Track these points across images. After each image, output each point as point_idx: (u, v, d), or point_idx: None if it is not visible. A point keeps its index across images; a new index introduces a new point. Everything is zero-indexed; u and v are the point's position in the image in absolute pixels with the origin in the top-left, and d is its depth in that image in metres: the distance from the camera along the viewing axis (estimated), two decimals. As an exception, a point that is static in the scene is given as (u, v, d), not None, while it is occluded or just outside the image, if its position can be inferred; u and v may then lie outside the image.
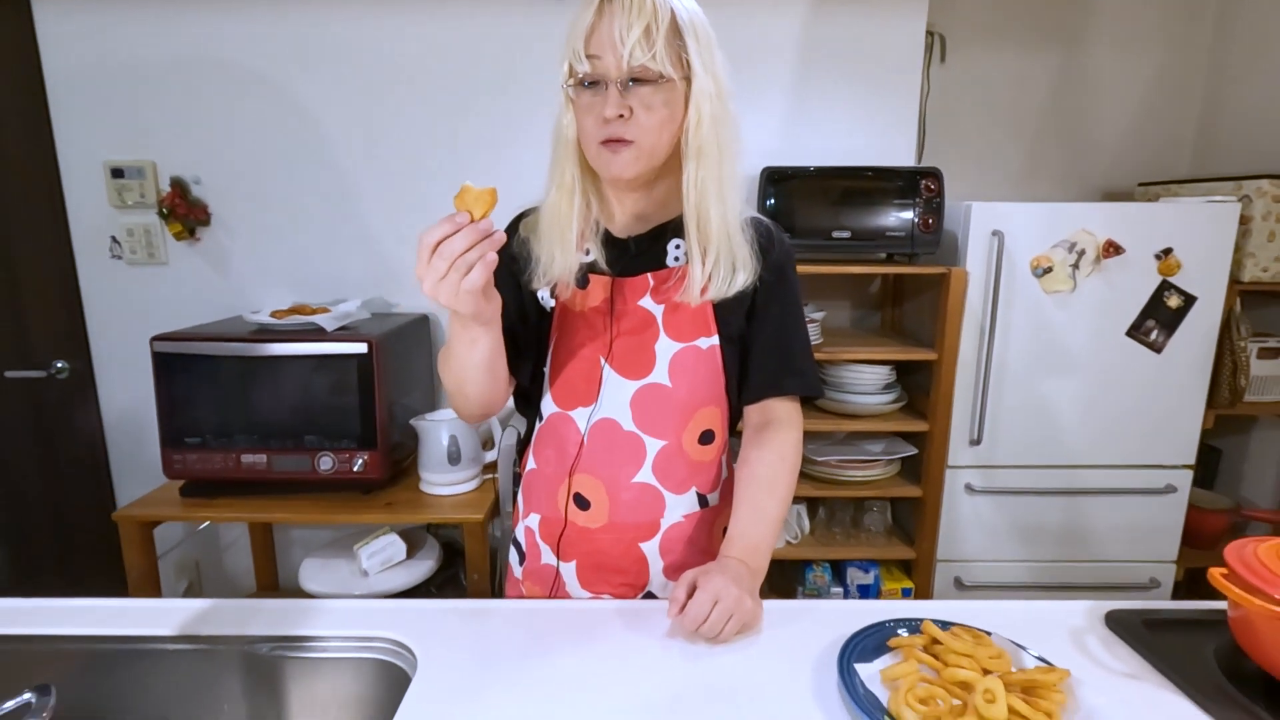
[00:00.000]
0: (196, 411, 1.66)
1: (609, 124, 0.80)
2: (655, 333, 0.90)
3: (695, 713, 0.69)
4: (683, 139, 0.84)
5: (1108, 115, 2.28)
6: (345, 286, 2.04)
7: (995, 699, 0.64)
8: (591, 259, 0.91)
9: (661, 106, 0.81)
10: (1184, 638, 0.81)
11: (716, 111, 0.83)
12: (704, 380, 0.92)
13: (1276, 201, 1.77)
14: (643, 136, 0.81)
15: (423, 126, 1.96)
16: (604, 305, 0.92)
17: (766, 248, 0.92)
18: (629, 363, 0.91)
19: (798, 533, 1.96)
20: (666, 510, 0.93)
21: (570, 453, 0.93)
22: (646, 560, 0.94)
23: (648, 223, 0.93)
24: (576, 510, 0.94)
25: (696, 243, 0.87)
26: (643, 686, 0.72)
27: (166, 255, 2.02)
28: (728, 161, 0.86)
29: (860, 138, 2.01)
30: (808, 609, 0.89)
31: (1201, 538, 2.00)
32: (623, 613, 0.87)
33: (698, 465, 0.94)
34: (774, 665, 0.76)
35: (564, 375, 0.93)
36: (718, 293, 0.88)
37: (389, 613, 0.87)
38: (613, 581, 0.95)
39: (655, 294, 0.91)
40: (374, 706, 0.82)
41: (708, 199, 0.85)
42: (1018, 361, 1.81)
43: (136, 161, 1.96)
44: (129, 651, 0.85)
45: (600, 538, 0.93)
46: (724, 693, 0.72)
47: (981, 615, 0.82)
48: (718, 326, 0.91)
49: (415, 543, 1.84)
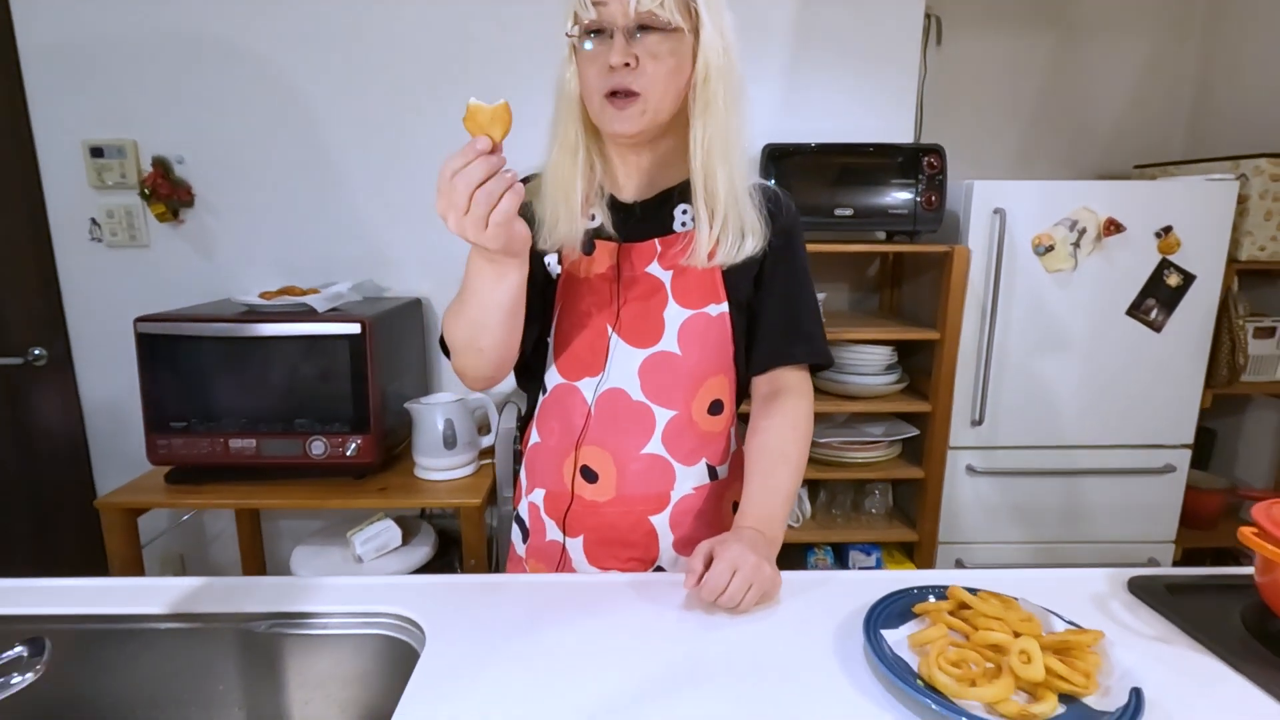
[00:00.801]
0: (182, 395, 1.61)
1: (614, 73, 0.77)
2: (663, 299, 0.88)
3: (716, 683, 0.66)
4: (690, 94, 0.81)
5: (1103, 97, 2.28)
6: (335, 269, 1.99)
7: (1031, 659, 0.62)
8: (597, 224, 0.88)
9: (669, 56, 0.78)
10: (1209, 601, 0.80)
11: (724, 67, 0.80)
12: (713, 348, 0.89)
13: (1274, 180, 1.78)
14: (649, 88, 0.78)
15: (413, 104, 1.92)
16: (610, 272, 0.89)
17: (775, 213, 0.89)
18: (637, 330, 0.88)
19: (799, 516, 1.94)
20: (676, 482, 0.90)
21: (577, 424, 0.90)
22: (656, 534, 0.91)
23: (654, 186, 0.90)
24: (584, 483, 0.91)
25: (704, 205, 0.84)
26: (661, 658, 0.70)
27: (148, 237, 1.96)
28: (734, 121, 0.83)
29: (859, 119, 1.99)
30: (825, 579, 0.86)
31: (1199, 518, 2.00)
32: (636, 585, 0.84)
33: (707, 436, 0.91)
34: (795, 634, 0.74)
35: (569, 345, 0.90)
36: (726, 257, 0.85)
37: (394, 588, 0.84)
38: (621, 556, 0.92)
39: (663, 260, 0.88)
40: (380, 682, 0.79)
41: (714, 159, 0.82)
42: (1018, 341, 1.80)
43: (116, 140, 1.89)
44: (117, 631, 0.81)
45: (608, 511, 0.90)
46: (745, 663, 0.69)
47: (1003, 583, 0.80)
48: (727, 292, 0.89)
49: (410, 529, 1.80)
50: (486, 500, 1.67)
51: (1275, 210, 1.80)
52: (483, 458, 1.79)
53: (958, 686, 0.61)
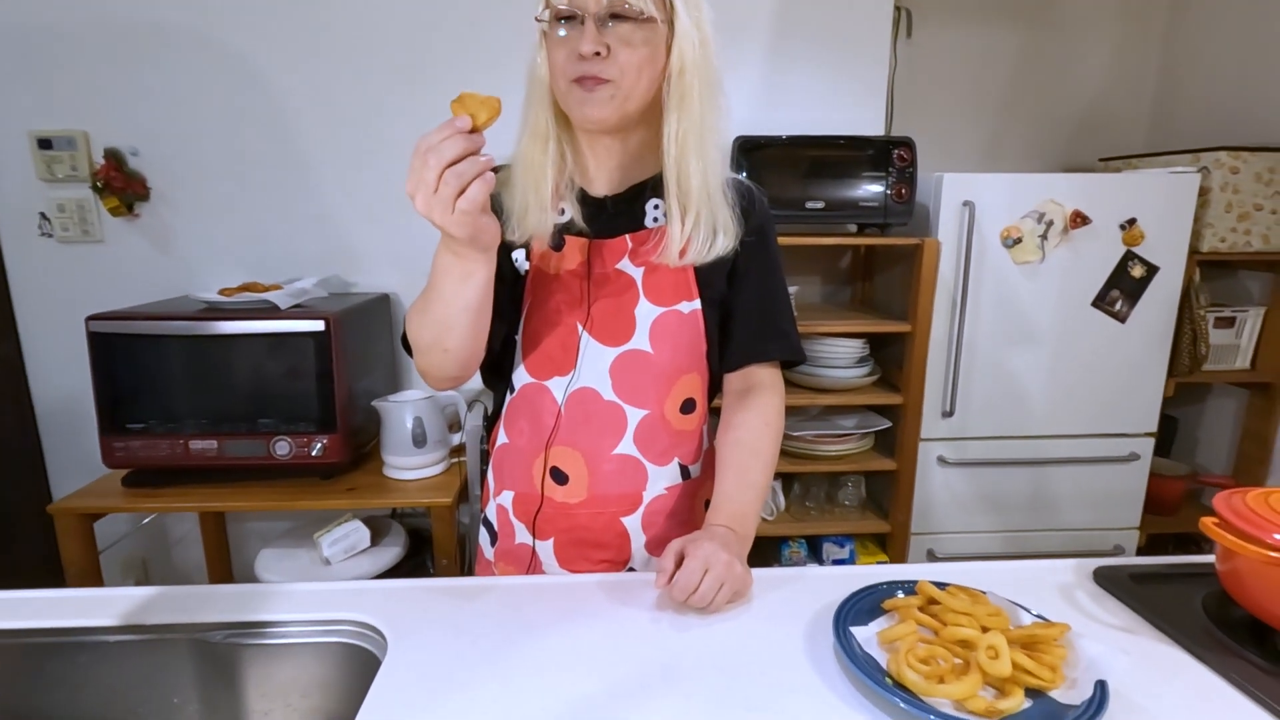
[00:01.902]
0: (139, 396, 1.56)
1: (584, 61, 0.75)
2: (635, 296, 0.86)
3: (688, 684, 0.65)
4: (664, 86, 0.79)
5: (1069, 91, 2.31)
6: (300, 265, 1.94)
7: (999, 655, 0.62)
8: (567, 219, 0.86)
9: (642, 45, 0.76)
10: (1172, 590, 0.81)
11: (700, 61, 0.79)
12: (686, 346, 0.88)
13: (1233, 172, 1.81)
14: (621, 76, 0.76)
15: (380, 92, 1.87)
16: (580, 268, 0.87)
17: (748, 210, 0.88)
18: (608, 328, 0.86)
19: (773, 509, 1.94)
20: (649, 482, 0.89)
21: (546, 424, 0.88)
22: (628, 535, 0.90)
23: (625, 180, 0.88)
24: (554, 485, 0.89)
25: (676, 201, 0.82)
26: (631, 660, 0.69)
27: (102, 232, 1.89)
28: (710, 116, 0.81)
29: (830, 111, 1.99)
30: (796, 576, 0.86)
31: (1161, 504, 2.05)
32: (606, 586, 0.83)
33: (680, 435, 0.90)
34: (766, 632, 0.73)
35: (539, 343, 0.88)
36: (697, 256, 0.84)
37: (355, 594, 0.81)
38: (593, 558, 0.90)
39: (634, 256, 0.86)
40: (342, 691, 0.77)
41: (688, 154, 0.81)
42: (987, 333, 1.82)
43: (66, 131, 1.82)
44: (66, 645, 0.78)
45: (580, 513, 0.89)
46: (717, 663, 0.68)
47: (971, 577, 0.80)
48: (699, 290, 0.87)
49: (380, 530, 1.77)
50: (458, 499, 1.64)
51: (1235, 202, 1.84)
52: (454, 456, 1.76)
53: (926, 684, 0.61)
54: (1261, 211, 1.85)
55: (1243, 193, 1.83)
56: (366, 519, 1.72)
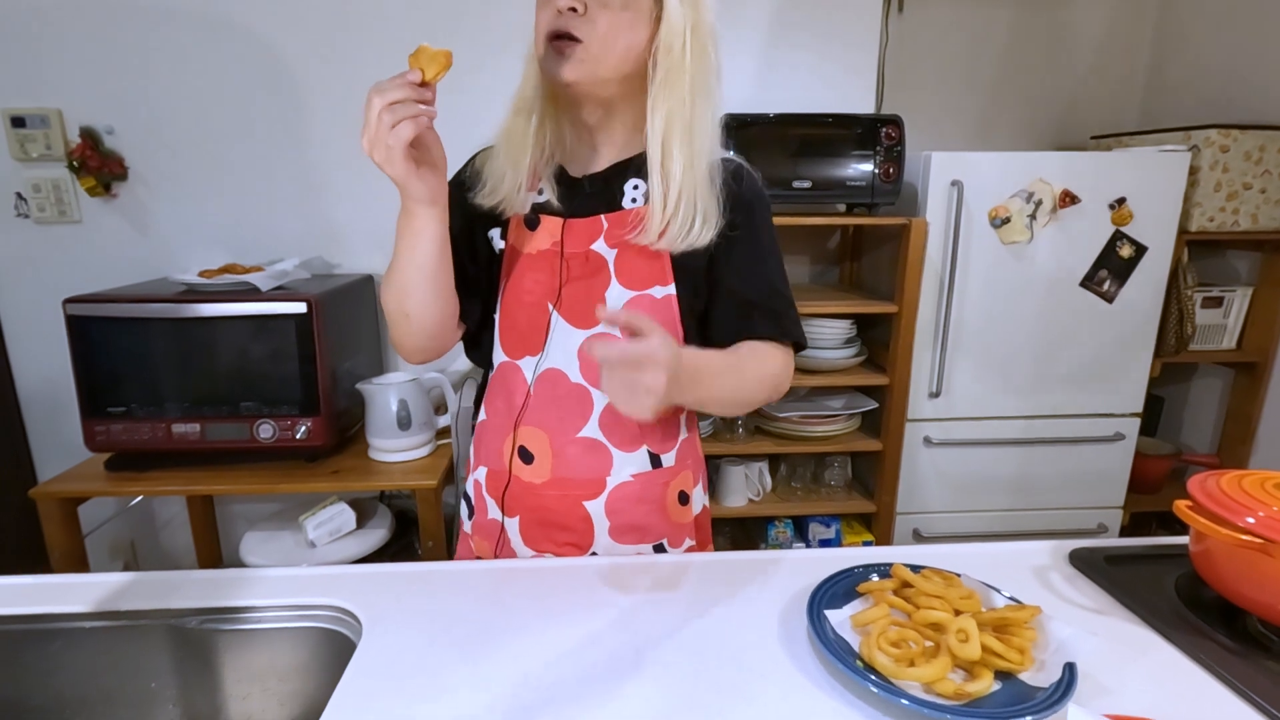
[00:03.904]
0: (119, 379, 1.54)
1: (560, 16, 0.74)
2: (606, 279, 0.84)
3: (660, 667, 0.65)
4: (650, 62, 0.77)
5: (1061, 68, 2.28)
6: (281, 246, 1.92)
7: (969, 638, 0.62)
8: (544, 198, 0.85)
9: (621, 9, 0.74)
10: (1144, 571, 0.82)
11: (692, 42, 0.76)
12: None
13: (1224, 151, 1.80)
14: (592, 35, 0.74)
15: (364, 69, 1.83)
16: (554, 248, 0.85)
17: (735, 190, 0.85)
18: (578, 310, 0.85)
19: (760, 490, 1.95)
20: (614, 468, 0.87)
21: (517, 403, 0.88)
22: (592, 520, 0.88)
23: (606, 159, 0.86)
24: (520, 464, 0.88)
25: (659, 183, 0.80)
26: (605, 643, 0.69)
27: (80, 213, 1.86)
28: (702, 102, 0.79)
29: (820, 89, 1.96)
30: (774, 559, 0.86)
31: (1145, 483, 2.06)
32: (577, 569, 0.83)
33: (651, 423, 0.88)
34: (742, 616, 0.73)
35: (512, 322, 0.87)
36: (673, 242, 0.81)
37: (331, 579, 0.81)
38: (557, 539, 0.90)
39: (609, 237, 0.84)
40: (320, 675, 0.77)
41: (673, 137, 0.78)
42: (975, 313, 1.81)
43: (39, 109, 1.78)
44: (39, 632, 0.78)
45: (544, 493, 0.88)
46: (690, 646, 0.68)
47: (949, 559, 0.80)
48: (675, 274, 0.85)
49: (367, 512, 1.77)
50: (444, 481, 1.64)
51: (1225, 181, 1.83)
52: (440, 438, 1.76)
53: (896, 667, 0.61)
54: (1250, 191, 1.84)
55: (1232, 171, 1.81)
56: (354, 501, 1.72)
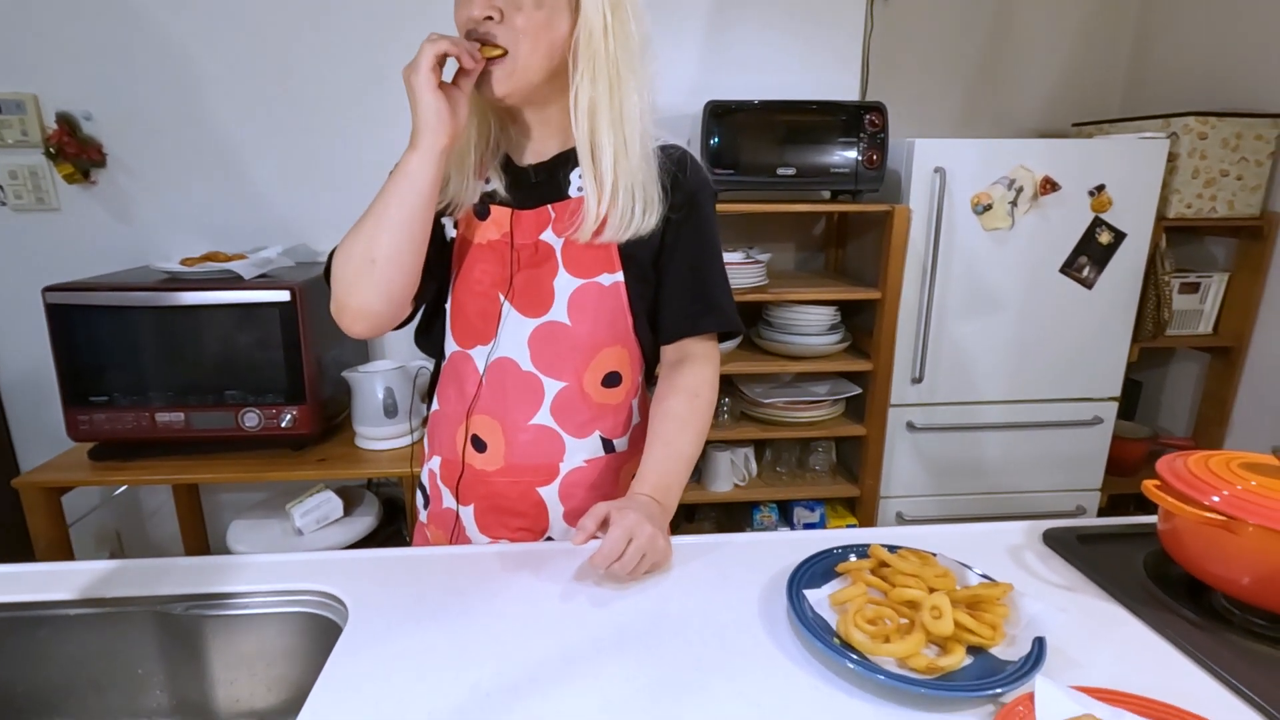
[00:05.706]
0: (101, 368, 1.53)
1: (476, 24, 0.74)
2: (554, 267, 0.84)
3: (641, 647, 0.67)
4: (570, 54, 0.76)
5: (1042, 56, 2.29)
6: (265, 233, 1.90)
7: (942, 614, 0.64)
8: (492, 188, 0.85)
9: (535, 9, 0.73)
10: (1115, 549, 0.84)
11: (611, 25, 0.75)
12: (606, 319, 0.86)
13: (1202, 138, 1.82)
14: (516, 43, 0.74)
15: (345, 54, 1.81)
16: (504, 238, 0.85)
17: (678, 180, 0.85)
18: (528, 300, 0.85)
19: (745, 475, 1.97)
20: (566, 454, 0.89)
21: (469, 393, 0.88)
22: (545, 505, 0.90)
23: (549, 149, 0.85)
24: (474, 452, 0.89)
25: (592, 176, 0.80)
26: (587, 625, 0.70)
27: (58, 200, 1.84)
28: (627, 85, 0.78)
29: (804, 76, 1.97)
30: (755, 541, 0.88)
31: (1123, 466, 2.10)
32: (563, 552, 0.84)
33: (601, 408, 0.89)
34: (723, 597, 0.75)
35: (463, 312, 0.88)
36: (616, 234, 0.82)
37: (316, 564, 0.82)
38: (511, 525, 0.91)
39: (556, 226, 0.84)
40: (306, 660, 0.78)
41: (600, 127, 0.78)
42: (957, 300, 1.83)
43: (14, 94, 1.75)
44: (25, 619, 0.78)
45: (497, 481, 0.89)
46: (671, 626, 0.70)
47: (926, 539, 0.82)
48: (622, 262, 0.85)
49: (354, 500, 1.77)
50: (431, 468, 1.64)
51: (1202, 168, 1.85)
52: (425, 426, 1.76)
53: (872, 644, 0.62)
54: (1227, 177, 1.86)
55: (1209, 158, 1.84)
56: (341, 489, 1.73)
